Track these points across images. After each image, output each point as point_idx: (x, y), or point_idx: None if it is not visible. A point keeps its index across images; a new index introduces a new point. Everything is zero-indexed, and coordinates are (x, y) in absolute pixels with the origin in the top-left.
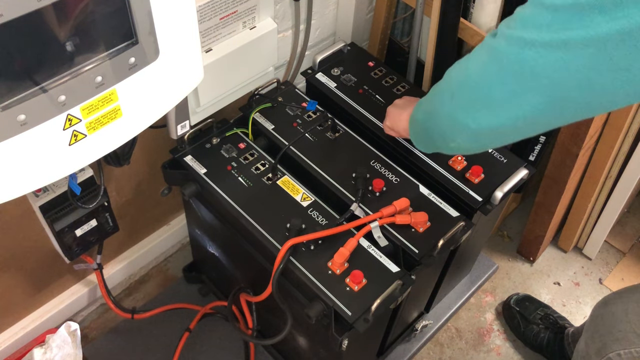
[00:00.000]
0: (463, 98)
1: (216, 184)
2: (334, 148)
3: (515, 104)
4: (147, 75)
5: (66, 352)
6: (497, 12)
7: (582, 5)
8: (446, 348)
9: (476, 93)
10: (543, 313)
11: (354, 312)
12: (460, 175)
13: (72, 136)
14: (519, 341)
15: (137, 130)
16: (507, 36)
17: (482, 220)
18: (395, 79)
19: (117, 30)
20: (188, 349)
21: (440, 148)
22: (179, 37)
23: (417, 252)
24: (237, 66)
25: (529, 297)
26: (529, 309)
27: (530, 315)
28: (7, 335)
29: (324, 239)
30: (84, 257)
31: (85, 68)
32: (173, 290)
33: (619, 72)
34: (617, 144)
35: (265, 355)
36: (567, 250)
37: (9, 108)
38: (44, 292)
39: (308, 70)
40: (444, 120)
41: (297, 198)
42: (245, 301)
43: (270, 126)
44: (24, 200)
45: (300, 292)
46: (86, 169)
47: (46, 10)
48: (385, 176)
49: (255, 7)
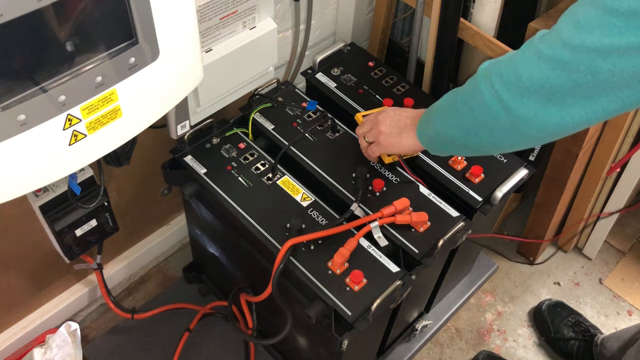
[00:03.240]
0: (526, 103)
1: (216, 184)
2: (334, 148)
3: (588, 108)
4: (147, 75)
5: (66, 352)
6: (497, 12)
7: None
8: (446, 348)
9: (539, 94)
10: (574, 320)
11: (354, 312)
12: (460, 175)
13: (72, 136)
14: (519, 341)
15: (137, 130)
16: (570, 44)
17: (482, 220)
18: (395, 79)
19: (117, 30)
20: (188, 349)
21: (478, 152)
22: (179, 37)
23: (417, 252)
24: (237, 66)
25: (561, 303)
26: (560, 315)
27: (561, 321)
28: (7, 335)
29: (324, 239)
30: (84, 257)
31: (85, 68)
32: (173, 290)
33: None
34: (617, 144)
35: (265, 355)
36: (567, 250)
37: (9, 108)
38: (44, 292)
39: (308, 70)
40: (499, 131)
41: (297, 198)
42: (245, 301)
43: (270, 126)
44: (24, 200)
45: (300, 292)
46: (86, 169)
47: (46, 10)
48: (385, 176)
49: (255, 7)
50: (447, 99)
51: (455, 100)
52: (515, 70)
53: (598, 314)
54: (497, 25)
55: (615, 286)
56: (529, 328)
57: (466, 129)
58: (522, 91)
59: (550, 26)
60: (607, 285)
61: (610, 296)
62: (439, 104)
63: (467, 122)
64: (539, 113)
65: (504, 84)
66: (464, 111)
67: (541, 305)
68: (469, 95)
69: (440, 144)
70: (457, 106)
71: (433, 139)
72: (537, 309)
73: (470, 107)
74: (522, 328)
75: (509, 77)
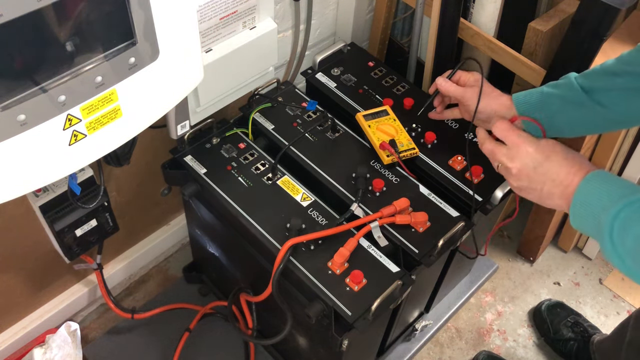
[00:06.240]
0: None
1: (216, 184)
2: (334, 148)
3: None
4: (147, 76)
5: (66, 352)
6: (497, 12)
7: None
8: (446, 348)
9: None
10: (574, 320)
11: (354, 312)
12: (460, 175)
13: (72, 136)
14: (519, 341)
15: (137, 130)
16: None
17: (482, 220)
18: (395, 79)
19: (117, 31)
20: (188, 349)
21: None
22: (179, 37)
23: (417, 252)
24: (237, 66)
25: (560, 303)
26: (559, 316)
27: (560, 322)
28: (7, 335)
29: (324, 239)
30: (84, 257)
31: (85, 68)
32: (173, 290)
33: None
34: (617, 144)
35: (265, 355)
36: (567, 250)
37: (9, 108)
38: (44, 292)
39: (308, 70)
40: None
41: (297, 198)
42: (245, 301)
43: (270, 126)
44: (24, 200)
45: (300, 292)
46: (86, 169)
47: (46, 10)
48: (385, 176)
49: (255, 7)
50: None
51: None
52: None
53: (598, 314)
54: (497, 25)
55: (615, 286)
56: (529, 328)
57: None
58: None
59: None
60: (607, 285)
61: (610, 296)
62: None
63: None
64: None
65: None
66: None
67: (541, 305)
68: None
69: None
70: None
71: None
72: (537, 310)
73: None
74: (522, 328)
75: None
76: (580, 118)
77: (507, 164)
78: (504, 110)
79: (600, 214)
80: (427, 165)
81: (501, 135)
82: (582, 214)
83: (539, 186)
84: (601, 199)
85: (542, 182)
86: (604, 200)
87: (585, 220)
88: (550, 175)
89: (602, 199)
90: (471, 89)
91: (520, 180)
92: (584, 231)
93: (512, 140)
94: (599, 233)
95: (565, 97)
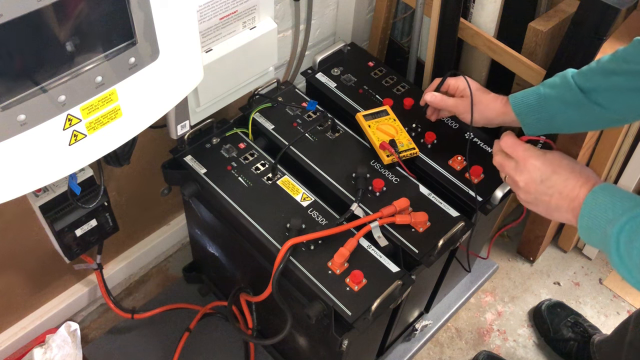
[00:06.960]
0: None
1: (216, 184)
2: (334, 148)
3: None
4: (147, 75)
5: (66, 352)
6: (497, 12)
7: None
8: (446, 348)
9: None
10: (574, 320)
11: (354, 312)
12: (460, 175)
13: (72, 136)
14: (519, 341)
15: (137, 130)
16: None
17: (482, 220)
18: (395, 79)
19: (116, 31)
20: (188, 349)
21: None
22: (179, 37)
23: (417, 252)
24: (237, 66)
25: (560, 303)
26: (559, 316)
27: (560, 322)
28: (7, 335)
29: (324, 239)
30: (84, 257)
31: (85, 68)
32: (173, 290)
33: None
34: (617, 144)
35: (265, 355)
36: (567, 250)
37: (9, 108)
38: (44, 292)
39: (308, 70)
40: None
41: (297, 198)
42: (245, 301)
43: (270, 126)
44: (24, 200)
45: (300, 292)
46: (86, 169)
47: (46, 10)
48: (385, 176)
49: (255, 7)
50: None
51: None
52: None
53: (598, 314)
54: (497, 25)
55: (615, 286)
56: (529, 328)
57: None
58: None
59: (550, 26)
60: (607, 285)
61: (610, 296)
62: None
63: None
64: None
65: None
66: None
67: (541, 305)
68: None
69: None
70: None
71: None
72: (537, 310)
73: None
74: (522, 328)
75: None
76: (579, 118)
77: (515, 177)
78: (500, 118)
79: (607, 227)
80: (427, 165)
81: (508, 150)
82: (589, 227)
83: (546, 199)
84: (606, 212)
85: (549, 195)
86: (609, 213)
87: (592, 233)
88: (557, 189)
89: (607, 212)
90: (462, 100)
91: (528, 193)
92: (592, 244)
93: (518, 155)
94: (607, 246)
95: (563, 98)
